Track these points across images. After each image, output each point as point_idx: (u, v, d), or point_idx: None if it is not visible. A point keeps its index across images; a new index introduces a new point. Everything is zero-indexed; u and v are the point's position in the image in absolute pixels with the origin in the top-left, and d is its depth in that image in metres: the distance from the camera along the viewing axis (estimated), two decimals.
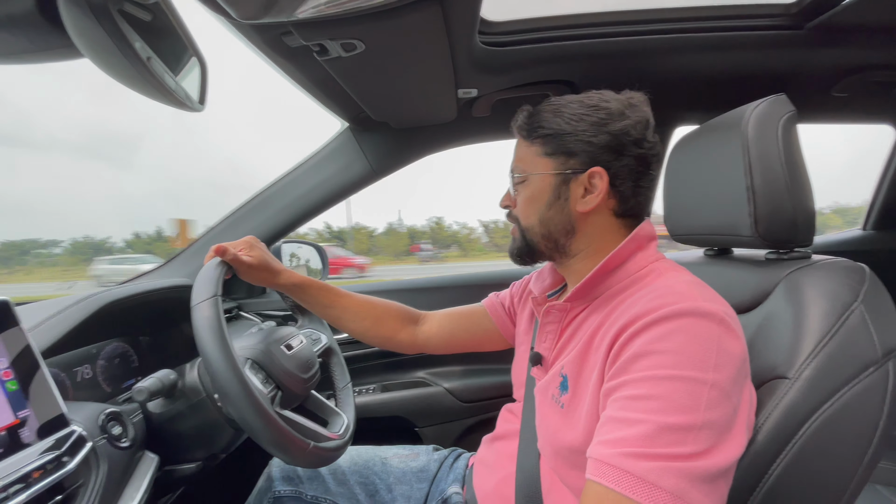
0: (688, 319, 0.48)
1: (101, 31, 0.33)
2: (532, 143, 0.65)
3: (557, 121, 0.63)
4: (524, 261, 0.70)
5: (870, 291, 0.56)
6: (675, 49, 0.98)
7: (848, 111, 1.28)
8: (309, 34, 0.68)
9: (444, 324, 0.93)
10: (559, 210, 0.64)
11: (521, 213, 0.67)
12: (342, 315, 0.88)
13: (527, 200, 0.66)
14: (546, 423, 0.62)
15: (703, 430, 0.44)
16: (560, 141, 0.62)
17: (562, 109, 0.63)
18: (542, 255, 0.68)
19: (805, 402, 0.53)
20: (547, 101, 0.66)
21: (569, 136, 0.62)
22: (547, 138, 0.63)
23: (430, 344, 0.92)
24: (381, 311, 0.91)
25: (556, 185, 0.63)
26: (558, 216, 0.64)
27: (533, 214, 0.66)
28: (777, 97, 0.64)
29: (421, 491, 0.84)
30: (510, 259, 0.73)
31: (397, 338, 0.91)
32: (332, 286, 0.88)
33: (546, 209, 0.64)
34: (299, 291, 0.84)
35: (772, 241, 0.64)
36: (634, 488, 0.42)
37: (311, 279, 0.85)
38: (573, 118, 0.62)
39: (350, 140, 1.20)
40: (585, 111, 0.61)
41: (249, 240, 0.80)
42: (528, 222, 0.67)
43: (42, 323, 0.70)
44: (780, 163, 0.62)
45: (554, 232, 0.65)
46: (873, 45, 0.99)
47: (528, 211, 0.66)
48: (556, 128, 0.62)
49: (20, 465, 0.47)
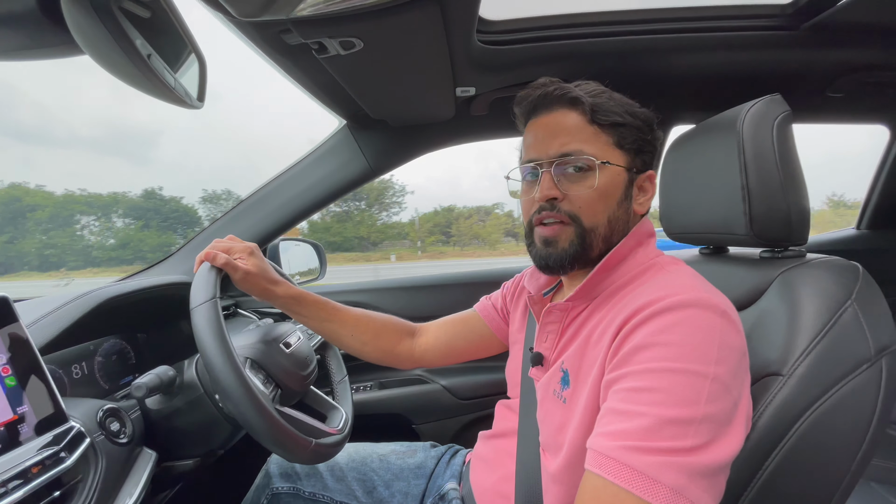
0: (690, 310, 0.48)
1: (102, 29, 0.33)
2: (602, 130, 0.58)
3: (625, 113, 0.58)
4: (565, 270, 0.61)
5: (863, 290, 0.57)
6: (671, 49, 0.99)
7: (843, 111, 1.29)
8: (308, 32, 0.68)
9: (441, 334, 0.91)
10: (625, 210, 0.60)
11: (586, 209, 0.58)
12: (339, 330, 0.84)
13: (598, 195, 0.58)
14: (549, 419, 0.62)
15: (704, 423, 0.44)
16: (630, 134, 0.58)
17: (620, 101, 0.59)
18: (590, 261, 0.60)
19: (798, 398, 0.54)
20: (594, 86, 0.60)
21: (636, 132, 0.58)
22: (619, 129, 0.58)
23: (427, 357, 0.90)
24: (378, 325, 0.88)
25: (627, 182, 0.59)
26: (623, 217, 0.60)
27: (602, 212, 0.58)
28: (772, 97, 0.65)
29: (418, 487, 0.84)
30: (545, 269, 0.63)
31: (395, 351, 0.88)
32: (329, 301, 0.84)
33: (616, 207, 0.59)
34: (296, 305, 0.80)
35: (766, 240, 0.65)
36: (634, 482, 0.42)
37: (308, 293, 0.82)
38: (636, 115, 0.58)
39: (348, 138, 1.20)
40: (636, 110, 0.58)
41: (250, 247, 0.76)
42: (594, 221, 0.58)
43: (40, 319, 0.69)
44: (775, 162, 0.62)
45: (615, 234, 0.59)
46: (868, 45, 1.00)
47: (598, 207, 0.58)
48: (629, 120, 0.58)
49: (19, 460, 0.47)
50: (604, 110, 0.58)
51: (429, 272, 1.57)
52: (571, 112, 0.59)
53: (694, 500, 0.41)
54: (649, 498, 0.41)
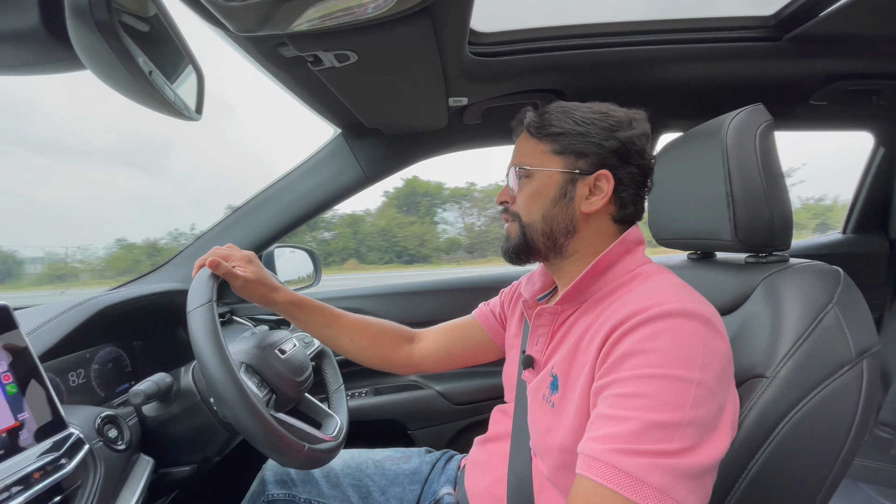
0: (675, 320, 0.50)
1: (106, 46, 0.34)
2: (541, 141, 0.66)
3: (569, 122, 0.64)
4: (519, 259, 0.70)
5: (843, 293, 0.59)
6: (659, 59, 1.01)
7: (827, 119, 1.32)
8: (303, 45, 0.70)
9: (439, 340, 0.92)
10: (563, 208, 0.64)
11: (524, 208, 0.67)
12: (338, 335, 0.86)
13: (531, 196, 0.66)
14: (538, 423, 0.63)
15: (690, 427, 0.45)
16: (571, 141, 0.63)
17: (572, 112, 0.64)
18: (539, 254, 0.68)
19: (782, 399, 0.55)
20: (556, 104, 0.67)
21: (580, 137, 0.63)
22: (557, 137, 0.64)
23: (425, 362, 0.91)
24: (377, 331, 0.89)
25: (564, 183, 0.64)
26: (561, 214, 0.65)
27: (536, 210, 0.65)
28: (755, 107, 0.67)
29: (413, 493, 0.85)
30: (504, 258, 0.72)
31: (393, 357, 0.89)
32: (328, 306, 0.86)
33: (550, 206, 0.65)
34: (295, 310, 0.82)
35: (750, 246, 0.67)
36: (622, 483, 0.44)
37: (308, 298, 0.83)
38: (584, 121, 0.63)
39: (343, 146, 1.22)
40: (596, 116, 0.63)
41: (248, 255, 0.78)
42: (530, 218, 0.66)
43: (39, 328, 0.70)
44: (758, 170, 0.64)
45: (555, 230, 0.65)
46: (850, 54, 1.03)
47: (532, 206, 0.66)
48: (568, 128, 0.63)
49: (20, 466, 0.47)
50: (543, 124, 0.65)
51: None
52: (524, 132, 0.69)
53: (680, 500, 0.43)
54: (637, 498, 0.43)
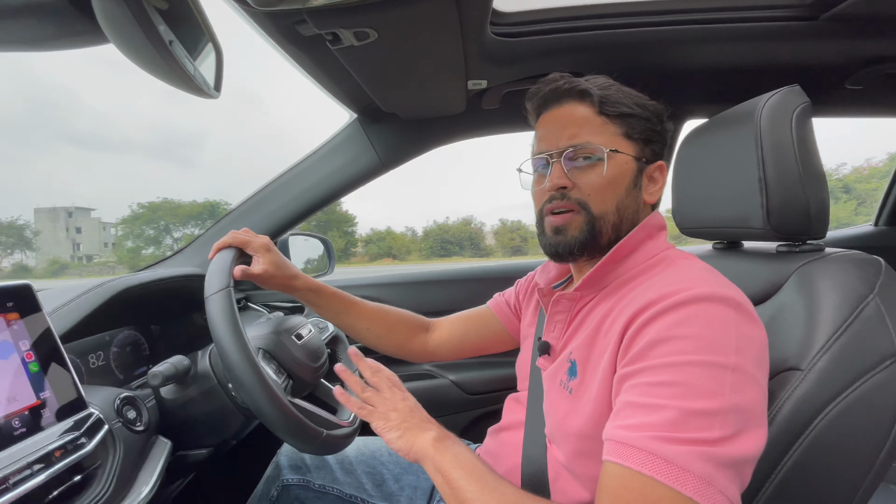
0: (704, 305, 0.48)
1: (128, 13, 0.33)
2: (610, 120, 0.60)
3: (633, 105, 0.60)
4: (572, 257, 0.63)
5: (886, 284, 0.55)
6: (686, 40, 0.97)
7: (862, 104, 1.26)
8: (323, 22, 0.68)
9: (454, 330, 0.92)
10: (634, 199, 0.61)
11: (595, 196, 0.60)
12: (356, 323, 0.87)
13: (606, 182, 0.59)
14: (555, 410, 0.62)
15: (731, 413, 0.43)
16: (640, 125, 0.60)
17: (629, 94, 0.60)
18: (599, 250, 0.61)
19: (818, 394, 0.53)
20: (607, 80, 0.62)
21: (645, 123, 0.60)
22: (628, 119, 0.60)
23: (440, 351, 0.92)
24: (394, 319, 0.90)
25: (636, 171, 0.60)
26: (632, 206, 0.61)
27: (611, 199, 0.60)
28: (791, 88, 0.64)
29: (427, 481, 0.84)
30: (549, 256, 0.65)
31: (409, 346, 0.91)
32: (347, 294, 0.87)
33: (625, 195, 0.60)
34: (314, 296, 0.83)
35: (784, 234, 0.64)
36: (663, 471, 0.42)
37: (326, 285, 0.84)
38: (646, 106, 0.60)
39: (358, 131, 1.20)
40: (649, 103, 0.60)
41: (266, 242, 0.77)
42: (603, 208, 0.60)
43: (60, 308, 0.70)
44: (794, 154, 0.61)
45: (624, 222, 0.61)
46: (890, 36, 0.98)
47: (606, 195, 0.59)
48: (638, 111, 0.59)
49: (42, 444, 0.47)
50: (612, 101, 0.60)
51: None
52: (580, 105, 0.61)
53: (722, 489, 0.41)
54: (678, 486, 0.41)
